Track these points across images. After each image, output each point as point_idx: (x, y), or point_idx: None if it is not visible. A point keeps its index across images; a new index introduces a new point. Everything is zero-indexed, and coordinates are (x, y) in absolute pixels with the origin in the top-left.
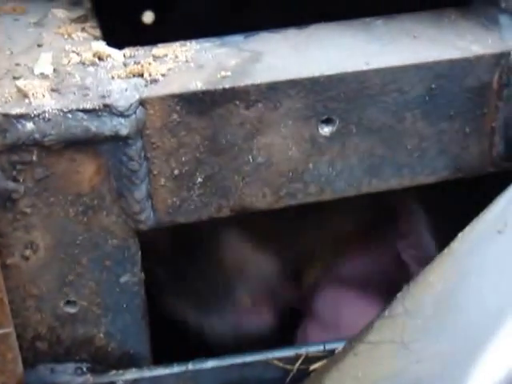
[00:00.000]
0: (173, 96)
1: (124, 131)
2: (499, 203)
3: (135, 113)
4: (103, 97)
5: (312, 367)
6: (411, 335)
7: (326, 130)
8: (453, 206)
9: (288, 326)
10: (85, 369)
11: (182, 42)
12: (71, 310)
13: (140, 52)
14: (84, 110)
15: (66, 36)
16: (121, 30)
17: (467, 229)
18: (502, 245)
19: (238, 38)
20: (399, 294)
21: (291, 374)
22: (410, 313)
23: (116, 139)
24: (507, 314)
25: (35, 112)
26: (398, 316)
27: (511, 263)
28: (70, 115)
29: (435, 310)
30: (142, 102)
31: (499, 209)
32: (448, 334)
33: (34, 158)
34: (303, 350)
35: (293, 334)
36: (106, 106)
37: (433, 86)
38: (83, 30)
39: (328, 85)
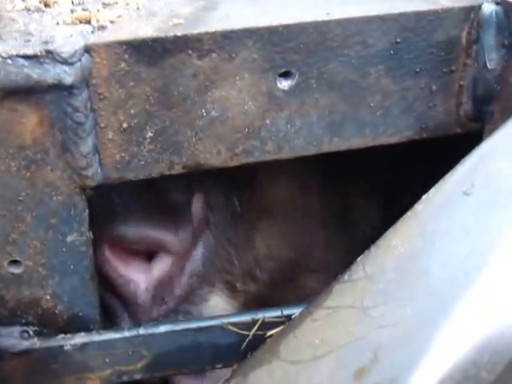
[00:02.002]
0: (120, 43)
1: (68, 80)
2: (465, 164)
3: (80, 60)
4: (46, 43)
5: (269, 333)
6: (372, 300)
7: (284, 84)
8: None
9: None
10: (31, 332)
11: None
12: (15, 270)
13: None
14: (25, 56)
15: None
16: None
17: (432, 190)
18: (468, 207)
19: None
20: (359, 258)
21: (247, 340)
22: (371, 277)
23: (60, 88)
24: (472, 278)
25: None
26: (358, 280)
27: (477, 226)
28: (9, 61)
29: (397, 274)
30: (88, 49)
31: (465, 170)
32: (410, 299)
33: None
34: (260, 315)
35: None
36: (48, 52)
37: (398, 39)
38: None
39: (287, 35)
